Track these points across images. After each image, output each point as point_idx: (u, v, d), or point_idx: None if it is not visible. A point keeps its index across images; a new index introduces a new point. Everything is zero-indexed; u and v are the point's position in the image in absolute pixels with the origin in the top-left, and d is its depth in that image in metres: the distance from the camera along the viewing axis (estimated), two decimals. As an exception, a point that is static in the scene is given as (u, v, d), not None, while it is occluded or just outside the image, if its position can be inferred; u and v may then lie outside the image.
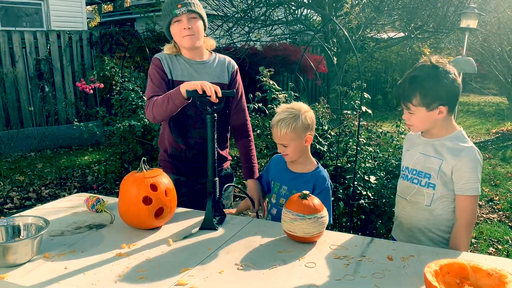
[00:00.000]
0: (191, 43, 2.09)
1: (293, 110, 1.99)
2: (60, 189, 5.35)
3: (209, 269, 1.44)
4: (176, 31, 2.08)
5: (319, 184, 2.02)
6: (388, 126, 5.78)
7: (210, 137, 1.82)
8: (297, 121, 1.95)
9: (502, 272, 1.23)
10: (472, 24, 5.84)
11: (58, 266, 1.45)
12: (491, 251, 3.74)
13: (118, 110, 4.73)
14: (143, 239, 1.68)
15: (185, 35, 2.06)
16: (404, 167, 1.93)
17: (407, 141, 2.00)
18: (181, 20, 2.05)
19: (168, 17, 2.08)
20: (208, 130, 1.81)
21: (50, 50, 7.68)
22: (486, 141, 8.38)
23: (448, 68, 1.71)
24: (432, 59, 1.74)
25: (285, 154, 2.04)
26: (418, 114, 1.75)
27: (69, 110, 7.95)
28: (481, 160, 1.73)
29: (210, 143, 1.82)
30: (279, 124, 1.97)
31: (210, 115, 1.80)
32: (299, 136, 1.98)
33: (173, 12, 2.04)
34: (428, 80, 1.69)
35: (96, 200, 1.96)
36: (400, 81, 1.80)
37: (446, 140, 1.77)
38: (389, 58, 12.71)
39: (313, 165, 2.08)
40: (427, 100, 1.70)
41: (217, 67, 2.22)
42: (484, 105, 13.41)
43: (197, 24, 2.08)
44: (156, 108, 2.01)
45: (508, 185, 5.58)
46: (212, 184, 1.85)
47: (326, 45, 7.97)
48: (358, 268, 1.46)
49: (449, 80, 1.69)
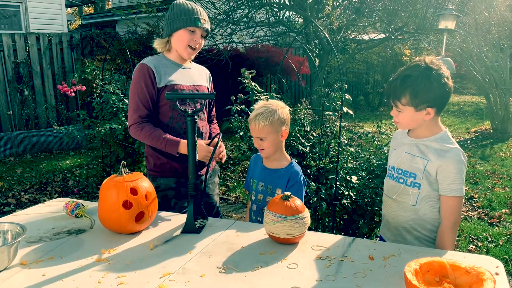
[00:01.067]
0: (190, 56, 2.24)
1: (271, 106, 2.09)
2: (40, 194, 5.25)
3: (190, 273, 1.43)
4: (185, 38, 2.15)
5: (292, 178, 2.10)
6: (370, 126, 5.84)
7: (190, 139, 1.81)
8: (274, 115, 2.04)
9: (480, 270, 1.25)
10: (450, 25, 5.95)
11: (36, 273, 1.42)
12: (471, 248, 3.81)
13: (99, 113, 4.67)
14: (123, 243, 1.66)
15: (192, 46, 2.17)
16: (390, 166, 1.94)
17: (394, 140, 2.01)
18: (195, 32, 2.16)
19: (185, 23, 2.12)
20: (189, 132, 1.80)
21: (29, 53, 7.55)
22: (465, 140, 8.53)
23: (442, 71, 1.71)
24: (427, 59, 1.73)
25: (262, 149, 2.11)
26: (405, 112, 1.76)
27: (50, 113, 7.83)
28: (466, 161, 1.75)
29: (191, 146, 1.81)
30: (257, 117, 2.05)
31: (191, 117, 1.79)
32: (276, 130, 2.06)
33: (196, 22, 2.12)
34: (420, 81, 1.69)
35: (75, 205, 1.93)
36: (393, 77, 1.80)
37: (432, 140, 1.78)
38: (371, 59, 12.83)
39: (287, 161, 2.16)
40: (416, 100, 1.71)
41: (196, 71, 2.35)
42: (463, 104, 13.65)
43: (202, 42, 2.23)
44: (143, 138, 2.15)
45: (487, 183, 5.69)
46: (194, 187, 1.84)
47: (307, 47, 8.02)
48: (340, 268, 1.46)
49: (441, 83, 1.70)
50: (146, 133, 2.12)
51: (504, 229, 4.21)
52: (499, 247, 3.82)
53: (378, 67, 13.21)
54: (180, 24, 2.13)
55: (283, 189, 2.07)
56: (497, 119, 8.94)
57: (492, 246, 3.83)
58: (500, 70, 8.63)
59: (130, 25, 10.35)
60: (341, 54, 11.80)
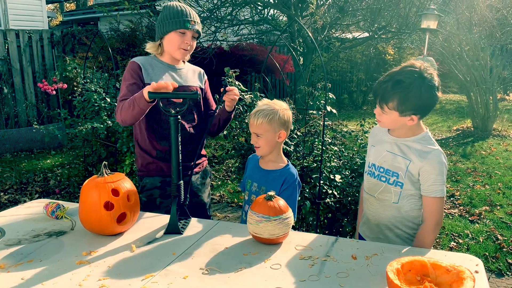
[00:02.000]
0: (184, 57, 2.24)
1: (273, 105, 2.09)
2: (20, 194, 5.16)
3: (173, 275, 1.42)
4: (176, 40, 2.15)
5: (287, 180, 2.07)
6: (354, 125, 5.88)
7: (174, 140, 1.79)
8: (274, 114, 2.04)
9: (460, 268, 1.27)
10: (432, 24, 6.03)
11: (15, 277, 1.39)
12: (452, 245, 3.87)
13: (81, 112, 4.60)
14: (105, 245, 1.63)
15: (183, 48, 2.17)
16: (370, 163, 1.94)
17: (373, 136, 2.00)
18: (186, 34, 2.16)
19: (175, 25, 2.12)
20: (172, 133, 1.79)
21: (8, 50, 7.39)
22: (447, 138, 8.66)
23: (434, 81, 1.71)
24: (422, 67, 1.71)
25: (257, 147, 2.09)
26: (390, 115, 1.76)
27: (30, 112, 7.68)
28: (446, 162, 1.77)
29: (174, 146, 1.80)
30: (257, 114, 2.06)
31: (174, 117, 1.78)
32: (274, 130, 2.05)
33: (186, 24, 2.12)
34: (411, 89, 1.68)
35: (56, 206, 1.90)
36: (384, 78, 1.77)
37: (413, 141, 1.79)
38: (354, 57, 12.93)
39: (284, 163, 2.14)
40: (402, 107, 1.71)
41: (189, 73, 2.33)
42: (445, 103, 13.85)
43: (194, 43, 2.24)
44: (124, 112, 2.03)
45: (468, 180, 5.79)
46: (177, 188, 1.82)
47: (292, 45, 8.04)
48: (323, 268, 1.47)
49: (431, 94, 1.70)
50: (123, 106, 2.03)
51: (484, 226, 4.29)
52: (479, 244, 3.89)
53: (362, 66, 13.31)
54: (170, 27, 2.13)
55: (277, 191, 2.03)
56: (478, 117, 9.09)
57: (473, 243, 3.90)
58: (481, 69, 8.78)
59: (113, 22, 10.23)
60: (325, 52, 11.86)
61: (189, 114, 2.26)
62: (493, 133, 8.88)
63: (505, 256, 3.63)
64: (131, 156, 4.02)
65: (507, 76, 9.55)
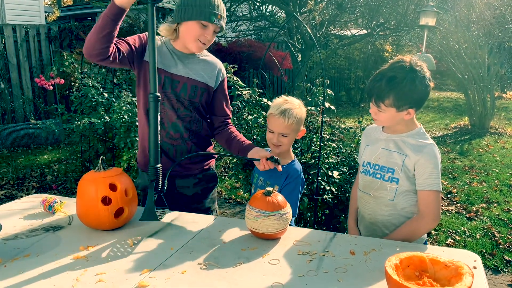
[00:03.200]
0: (199, 51, 2.04)
1: (294, 103, 2.06)
2: (17, 190, 5.14)
3: (171, 270, 1.41)
4: (195, 31, 1.94)
5: (290, 176, 2.06)
6: (352, 122, 5.88)
7: (153, 119, 1.70)
8: (301, 113, 2.04)
9: (459, 264, 1.27)
10: (431, 22, 6.02)
11: (11, 271, 1.38)
12: (449, 242, 3.88)
13: (78, 107, 4.59)
14: (102, 240, 1.62)
15: (201, 41, 1.96)
16: (365, 162, 1.94)
17: (366, 136, 2.00)
18: (208, 27, 1.94)
19: (199, 15, 1.90)
20: (151, 111, 1.69)
21: (5, 44, 7.36)
22: (444, 136, 8.67)
23: (425, 72, 1.72)
24: (411, 60, 1.72)
25: (279, 145, 2.05)
26: (387, 113, 1.76)
27: (27, 107, 7.66)
28: (440, 157, 1.77)
29: (153, 125, 1.70)
30: (287, 113, 1.99)
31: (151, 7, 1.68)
32: (299, 128, 2.06)
33: (211, 17, 1.90)
34: (405, 84, 1.68)
35: (53, 201, 1.89)
36: (375, 77, 1.77)
37: (408, 136, 1.80)
38: (352, 55, 12.93)
39: (290, 159, 2.13)
40: (399, 102, 1.71)
41: (200, 64, 2.09)
42: (443, 100, 13.87)
43: (214, 38, 2.04)
44: (90, 32, 1.79)
45: (465, 177, 5.80)
46: (155, 171, 1.73)
47: (290, 42, 8.02)
48: (321, 263, 1.46)
49: (424, 85, 1.71)
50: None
51: (481, 223, 4.30)
52: (476, 240, 3.90)
53: (360, 63, 13.31)
54: (193, 15, 1.90)
55: (280, 187, 2.02)
56: (475, 115, 9.11)
57: (470, 240, 3.91)
58: (479, 67, 8.79)
59: (110, 17, 10.16)
60: (323, 49, 11.85)
61: (185, 109, 2.06)
62: (490, 131, 8.91)
63: (502, 253, 3.64)
64: (129, 152, 4.01)
65: (504, 74, 9.57)
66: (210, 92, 2.12)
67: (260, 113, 3.29)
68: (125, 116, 4.07)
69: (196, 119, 2.11)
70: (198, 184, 2.19)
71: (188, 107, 2.08)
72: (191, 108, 2.08)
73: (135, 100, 4.28)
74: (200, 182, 2.20)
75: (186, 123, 2.09)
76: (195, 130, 2.12)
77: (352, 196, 2.12)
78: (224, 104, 2.20)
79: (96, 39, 1.77)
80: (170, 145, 2.09)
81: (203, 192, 2.22)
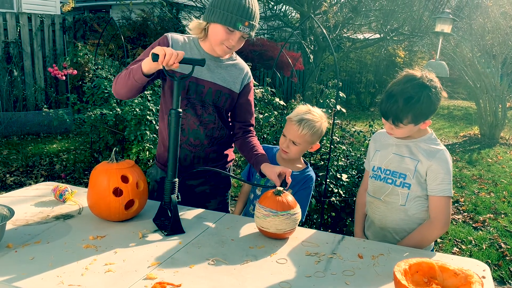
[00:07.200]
0: (224, 55, 1.96)
1: (316, 115, 2.04)
2: (26, 177, 5.18)
3: (179, 264, 1.42)
4: (220, 35, 1.85)
5: (307, 183, 2.07)
6: (361, 126, 5.86)
7: (173, 132, 1.68)
8: (319, 128, 2.02)
9: (468, 272, 1.26)
10: (447, 29, 5.98)
11: (22, 256, 1.40)
12: (455, 250, 3.85)
13: (90, 98, 4.62)
14: (112, 231, 1.64)
15: (226, 46, 1.88)
16: (375, 167, 1.93)
17: (376, 141, 1.99)
18: (234, 33, 1.85)
19: (224, 19, 1.81)
20: (172, 123, 1.67)
21: (20, 33, 7.42)
22: (454, 144, 8.61)
23: (436, 84, 1.71)
24: (423, 76, 1.71)
25: (287, 152, 2.05)
26: (404, 129, 1.75)
27: (38, 96, 7.71)
28: (451, 163, 1.77)
29: (173, 138, 1.68)
30: (304, 123, 1.99)
31: (177, 81, 1.66)
32: (313, 141, 2.05)
33: (236, 24, 1.81)
34: (422, 101, 1.68)
35: (64, 190, 1.91)
36: (389, 97, 1.72)
37: (420, 141, 1.80)
38: (364, 58, 12.88)
39: (302, 165, 2.13)
40: (418, 119, 1.72)
41: (229, 70, 2.04)
42: (453, 109, 13.78)
43: (241, 43, 1.94)
44: (119, 81, 1.85)
45: (473, 187, 5.76)
46: (171, 186, 1.70)
47: (304, 43, 8.00)
48: (329, 265, 1.47)
49: (439, 98, 1.72)
50: (120, 75, 1.86)
51: (487, 233, 4.27)
52: (482, 251, 3.88)
53: (371, 67, 13.26)
54: (219, 18, 1.82)
55: (293, 192, 1.98)
56: (486, 124, 9.04)
57: (476, 250, 3.89)
58: (492, 76, 8.72)
59: (125, 10, 10.23)
60: (335, 52, 11.81)
61: (209, 115, 2.01)
62: (500, 141, 8.84)
63: (508, 265, 3.62)
64: (138, 145, 4.02)
65: (517, 84, 9.47)
66: (234, 98, 2.06)
67: (271, 112, 3.29)
68: (136, 109, 4.09)
69: (219, 126, 2.05)
70: (207, 183, 2.17)
71: (213, 113, 2.01)
72: (216, 114, 2.02)
73: (147, 93, 4.29)
74: (210, 182, 2.17)
75: (208, 130, 2.02)
76: (216, 137, 2.06)
77: (358, 202, 2.10)
78: (245, 111, 2.12)
79: (125, 93, 1.88)
80: (189, 151, 2.04)
81: (212, 192, 2.20)
